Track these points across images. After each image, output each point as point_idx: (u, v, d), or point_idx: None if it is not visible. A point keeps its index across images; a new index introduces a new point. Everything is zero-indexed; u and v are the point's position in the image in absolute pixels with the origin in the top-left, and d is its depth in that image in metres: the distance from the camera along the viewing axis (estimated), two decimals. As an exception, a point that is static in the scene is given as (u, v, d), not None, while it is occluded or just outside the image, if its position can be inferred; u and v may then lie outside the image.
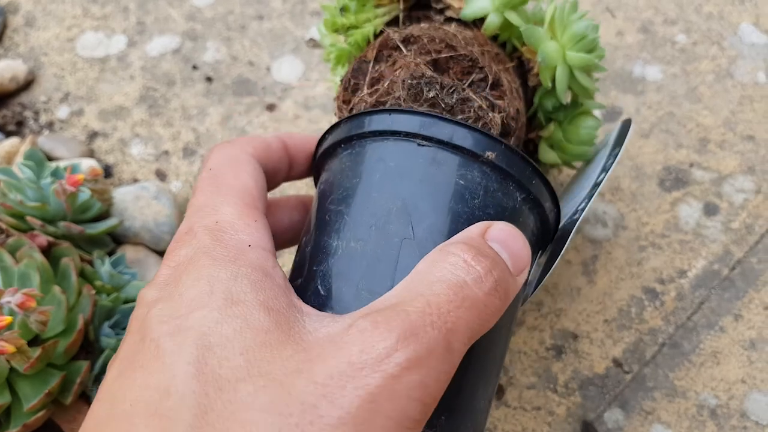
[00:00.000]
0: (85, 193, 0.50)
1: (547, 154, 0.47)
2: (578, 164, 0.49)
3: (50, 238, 0.48)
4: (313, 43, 0.67)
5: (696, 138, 0.58)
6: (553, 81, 0.43)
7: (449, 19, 0.45)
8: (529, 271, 0.32)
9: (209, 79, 0.66)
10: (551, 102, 0.45)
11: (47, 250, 0.48)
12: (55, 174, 0.52)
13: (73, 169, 0.53)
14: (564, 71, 0.43)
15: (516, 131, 0.40)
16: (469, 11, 0.44)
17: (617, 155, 0.42)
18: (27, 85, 0.67)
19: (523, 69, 0.46)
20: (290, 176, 0.40)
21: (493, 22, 0.43)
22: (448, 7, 0.45)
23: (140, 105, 0.65)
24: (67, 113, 0.65)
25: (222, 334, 0.25)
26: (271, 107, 0.64)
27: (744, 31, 0.63)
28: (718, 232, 0.54)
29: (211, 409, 0.23)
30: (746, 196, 0.55)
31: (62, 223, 0.50)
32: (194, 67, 0.67)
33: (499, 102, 0.38)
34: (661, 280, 0.52)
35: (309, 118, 0.63)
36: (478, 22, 0.45)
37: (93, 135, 0.64)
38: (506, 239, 0.30)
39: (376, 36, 0.45)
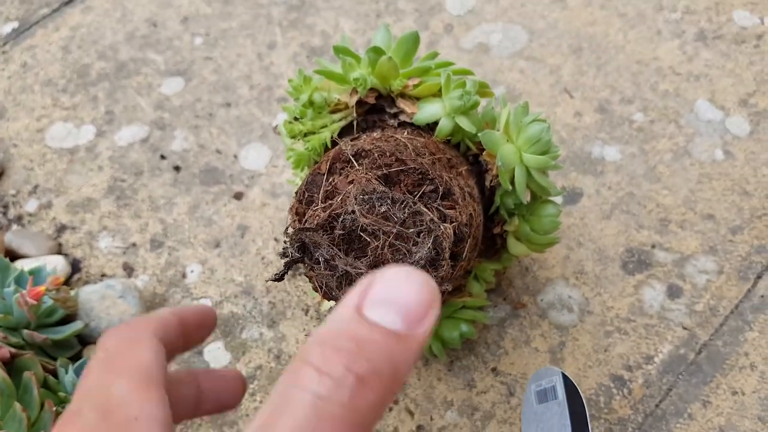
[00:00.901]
0: (47, 303, 0.50)
1: (516, 248, 0.48)
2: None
3: (13, 350, 0.48)
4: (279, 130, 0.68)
5: (657, 218, 0.59)
6: (513, 181, 0.44)
7: (403, 123, 0.46)
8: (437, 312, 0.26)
9: (177, 168, 0.66)
10: (512, 199, 0.46)
11: (10, 362, 0.48)
12: (19, 281, 0.52)
13: (37, 273, 0.53)
14: (522, 172, 0.44)
15: (470, 235, 0.41)
16: (422, 117, 0.45)
17: None
18: (-4, 178, 0.68)
19: (479, 168, 0.46)
20: (185, 349, 0.37)
21: (445, 126, 0.44)
22: (401, 111, 0.46)
23: (108, 196, 0.65)
24: (35, 206, 0.65)
25: None
26: (238, 195, 0.64)
27: (700, 108, 0.65)
28: (682, 315, 0.54)
29: None
30: (709, 277, 0.56)
31: (25, 332, 0.50)
32: (162, 157, 0.67)
33: (451, 212, 0.39)
34: (628, 366, 0.52)
35: (276, 206, 0.63)
36: (432, 125, 0.45)
37: (61, 228, 0.64)
38: (391, 295, 0.25)
39: (333, 142, 0.46)
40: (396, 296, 0.25)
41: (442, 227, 0.38)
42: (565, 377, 0.46)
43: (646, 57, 0.68)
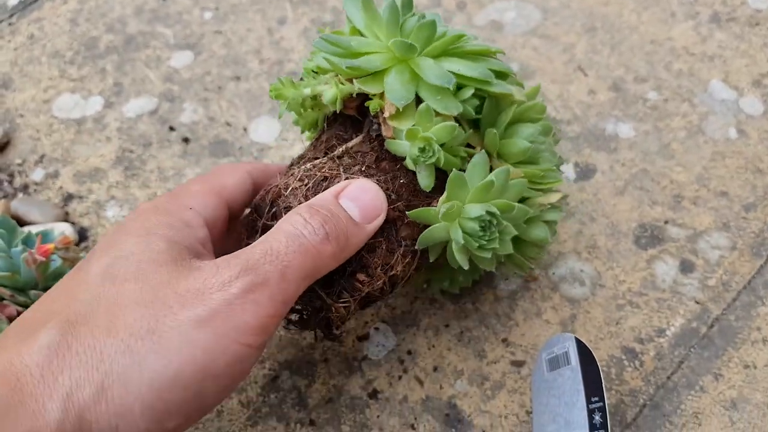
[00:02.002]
0: (56, 262, 0.50)
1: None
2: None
3: (20, 308, 0.47)
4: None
5: (670, 195, 0.58)
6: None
7: (380, 136, 0.43)
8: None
9: (186, 140, 0.66)
10: None
11: (17, 321, 0.47)
12: (27, 242, 0.51)
13: (45, 236, 0.52)
14: (460, 249, 0.40)
15: (391, 285, 0.42)
16: (392, 147, 0.41)
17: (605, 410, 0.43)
18: (2, 147, 0.67)
19: None
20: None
21: (410, 165, 0.41)
22: (380, 125, 0.42)
23: (116, 167, 0.65)
24: (42, 175, 0.65)
25: (128, 251, 0.36)
26: (247, 168, 0.63)
27: (714, 88, 0.64)
28: (695, 290, 0.54)
29: (104, 293, 0.34)
30: (722, 253, 0.55)
31: (33, 292, 0.49)
32: (171, 128, 0.67)
33: (358, 285, 0.40)
34: (640, 339, 0.52)
35: (286, 179, 0.62)
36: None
37: (68, 197, 0.63)
38: (358, 195, 0.38)
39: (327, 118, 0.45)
40: (359, 197, 0.38)
41: (333, 309, 0.40)
42: (579, 342, 0.46)
43: (660, 37, 0.68)
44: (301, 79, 0.46)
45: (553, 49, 0.68)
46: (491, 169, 0.40)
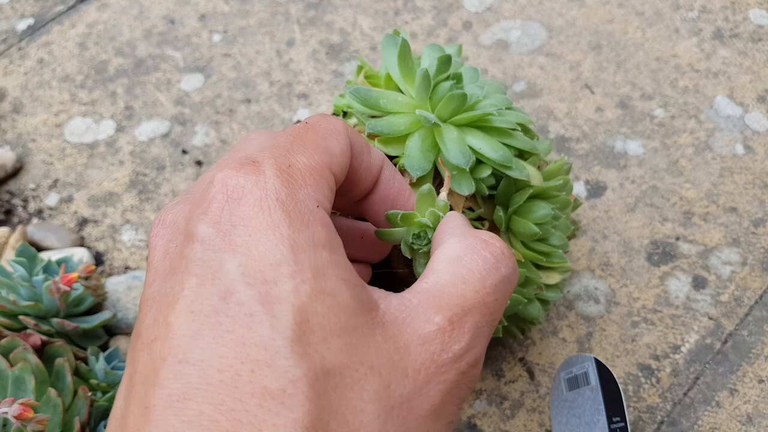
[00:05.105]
0: (78, 290, 0.50)
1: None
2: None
3: (43, 337, 0.48)
4: (301, 125, 0.68)
5: (680, 211, 0.59)
6: None
7: None
8: None
9: (199, 163, 0.66)
10: None
11: (41, 349, 0.48)
12: (47, 270, 0.52)
13: (66, 263, 0.53)
14: None
15: None
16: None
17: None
18: (15, 172, 0.67)
19: None
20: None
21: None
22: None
23: (130, 190, 0.65)
24: (56, 200, 0.65)
25: (317, 312, 0.24)
26: (260, 190, 0.64)
27: (720, 104, 0.65)
28: (708, 306, 0.55)
29: (323, 392, 0.23)
30: (733, 269, 0.56)
31: (56, 320, 0.50)
32: (184, 152, 0.67)
33: None
34: (655, 356, 0.53)
35: (299, 200, 0.63)
36: None
37: (83, 222, 0.64)
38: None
39: None
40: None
41: None
42: (598, 362, 0.46)
43: (664, 54, 0.69)
44: (334, 113, 0.47)
45: (560, 68, 0.69)
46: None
